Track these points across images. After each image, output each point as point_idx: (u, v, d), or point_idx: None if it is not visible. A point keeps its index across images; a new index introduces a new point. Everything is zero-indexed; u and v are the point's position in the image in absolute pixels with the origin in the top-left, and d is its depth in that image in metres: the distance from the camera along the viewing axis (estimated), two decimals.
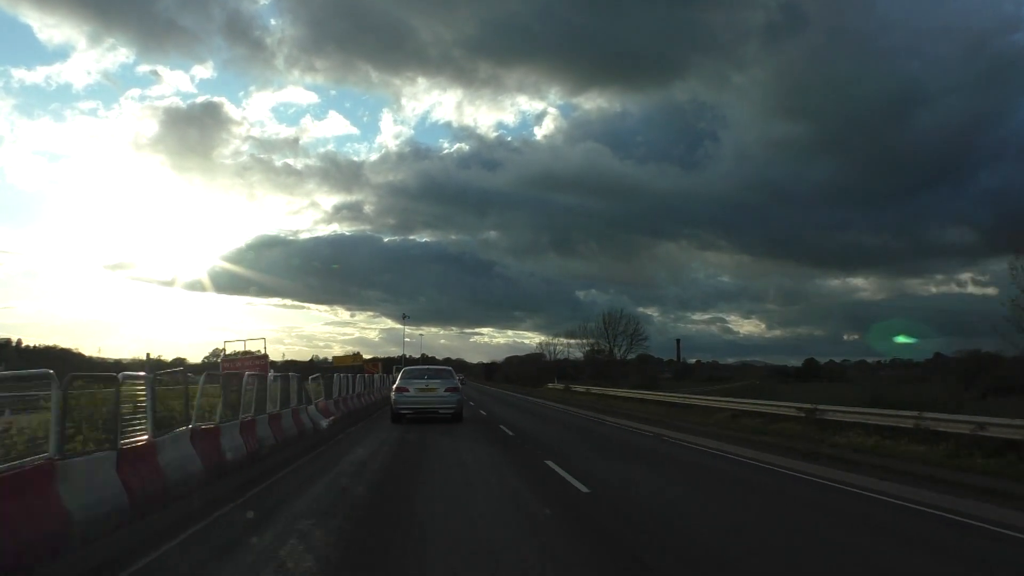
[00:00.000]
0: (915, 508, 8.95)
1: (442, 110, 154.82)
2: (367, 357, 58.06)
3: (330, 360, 55.67)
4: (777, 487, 10.77)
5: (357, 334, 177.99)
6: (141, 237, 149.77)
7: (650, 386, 58.35)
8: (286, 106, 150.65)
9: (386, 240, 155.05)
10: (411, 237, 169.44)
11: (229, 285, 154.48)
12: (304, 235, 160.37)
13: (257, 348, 22.50)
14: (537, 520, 7.62)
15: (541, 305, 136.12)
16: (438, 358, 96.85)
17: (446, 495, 9.15)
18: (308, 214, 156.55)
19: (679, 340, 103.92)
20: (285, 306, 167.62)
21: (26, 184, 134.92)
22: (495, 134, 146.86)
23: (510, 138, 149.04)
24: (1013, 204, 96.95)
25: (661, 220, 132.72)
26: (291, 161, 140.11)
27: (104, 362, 51.38)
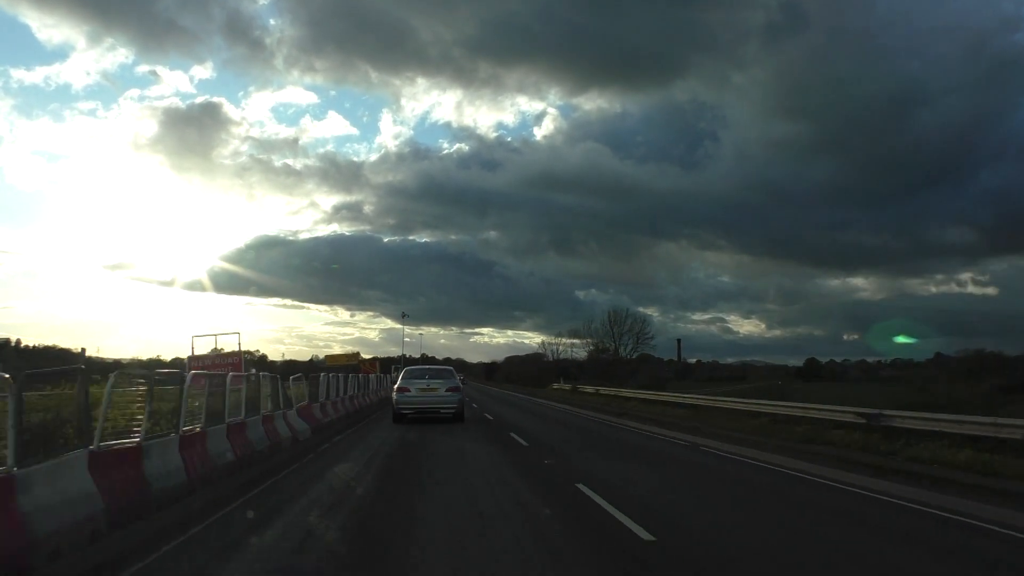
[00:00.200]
0: None
1: (442, 110, 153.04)
2: (367, 357, 56.53)
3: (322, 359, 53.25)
4: (902, 526, 8.11)
5: (357, 334, 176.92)
6: (141, 237, 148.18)
7: (658, 386, 56.01)
8: (285, 106, 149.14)
9: (386, 240, 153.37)
10: (411, 237, 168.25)
11: (229, 285, 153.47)
12: (304, 235, 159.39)
13: (227, 346, 19.84)
14: None
15: (541, 305, 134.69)
16: (438, 358, 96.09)
17: (446, 535, 6.47)
18: (308, 214, 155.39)
19: (679, 340, 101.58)
20: (285, 306, 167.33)
21: (25, 184, 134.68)
22: (495, 134, 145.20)
23: (510, 138, 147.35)
24: (1013, 204, 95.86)
25: (661, 220, 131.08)
26: (290, 161, 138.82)
27: (103, 362, 49.57)
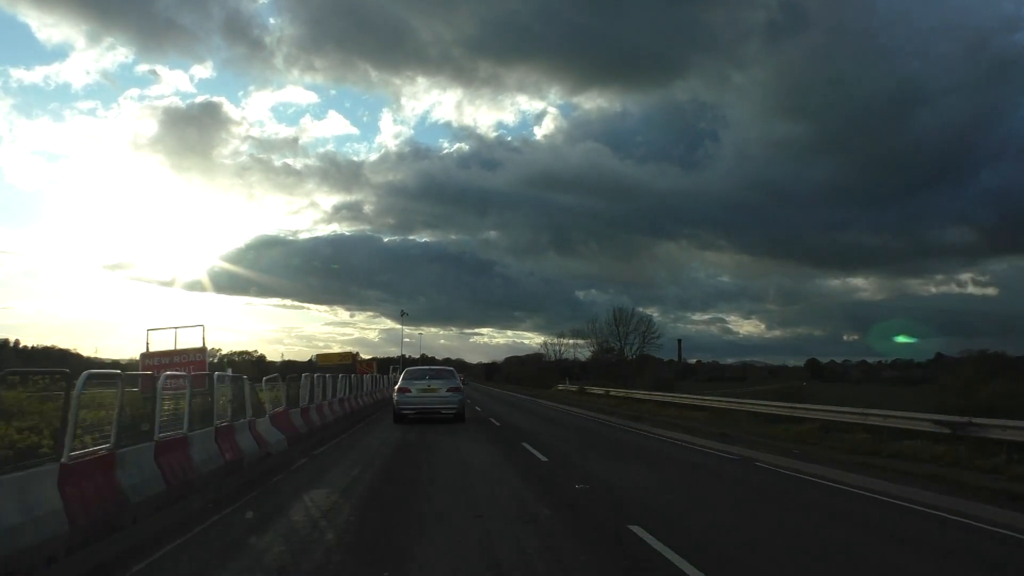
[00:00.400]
0: None
1: (442, 110, 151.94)
2: (366, 357, 54.95)
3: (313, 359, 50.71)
4: None
5: (357, 334, 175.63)
6: (140, 237, 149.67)
7: (665, 387, 53.63)
8: (285, 106, 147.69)
9: (386, 240, 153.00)
10: (411, 237, 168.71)
11: (228, 285, 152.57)
12: (304, 235, 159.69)
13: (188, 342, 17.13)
14: None
15: (541, 305, 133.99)
16: (438, 358, 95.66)
17: None
18: (308, 214, 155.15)
19: (680, 340, 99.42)
20: (285, 306, 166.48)
21: (25, 184, 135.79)
22: (495, 134, 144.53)
23: (510, 138, 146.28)
24: (1013, 204, 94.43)
25: (661, 220, 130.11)
26: (290, 161, 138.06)
27: (101, 362, 48.37)
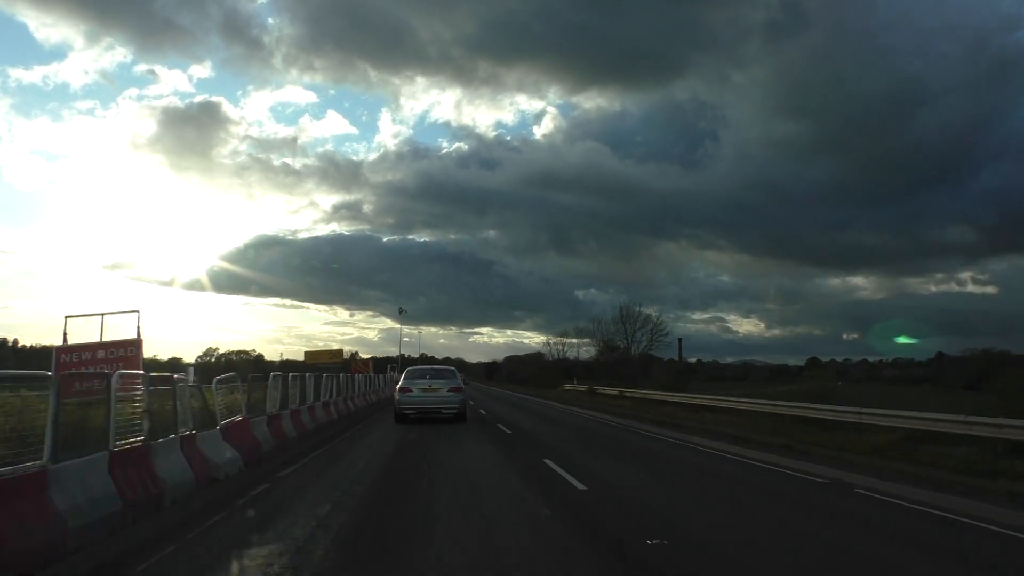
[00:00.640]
0: None
1: (441, 109, 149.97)
2: (365, 357, 53.24)
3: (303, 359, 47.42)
4: None
5: (356, 334, 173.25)
6: (140, 237, 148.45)
7: (679, 387, 50.48)
8: (284, 105, 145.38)
9: (385, 240, 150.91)
10: (410, 237, 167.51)
11: (228, 285, 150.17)
12: (303, 235, 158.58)
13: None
14: None
15: (540, 305, 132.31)
16: (437, 358, 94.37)
17: None
18: (307, 214, 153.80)
19: (680, 339, 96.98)
20: (284, 306, 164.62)
21: (24, 184, 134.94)
22: (494, 133, 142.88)
23: (509, 137, 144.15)
24: (1013, 203, 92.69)
25: (661, 220, 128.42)
26: (290, 161, 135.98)
27: None
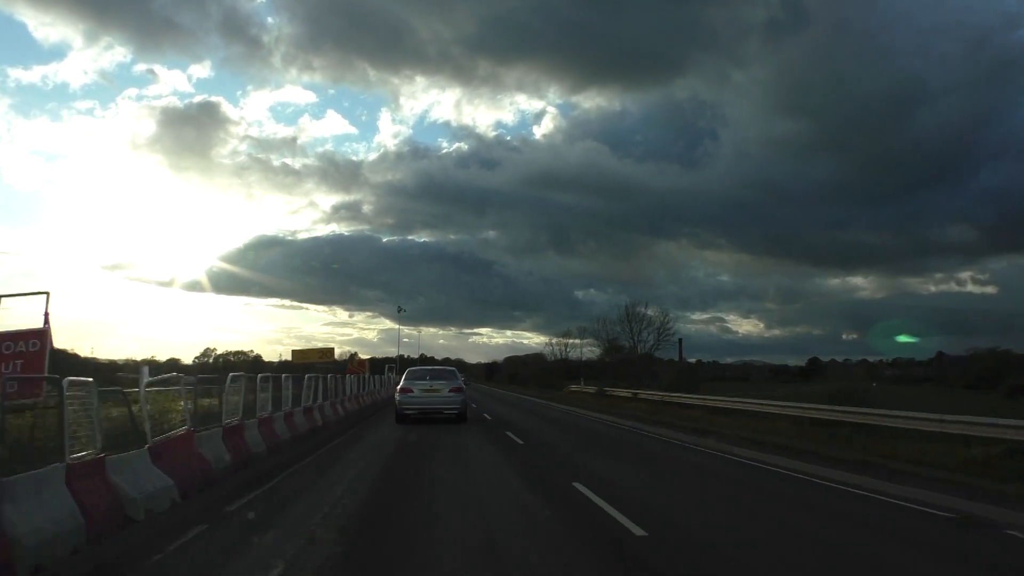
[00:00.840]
0: None
1: (441, 109, 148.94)
2: (364, 357, 51.39)
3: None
4: None
5: (356, 334, 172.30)
6: (139, 237, 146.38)
7: (691, 388, 48.13)
8: (284, 105, 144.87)
9: (385, 240, 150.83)
10: (410, 237, 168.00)
11: (227, 285, 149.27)
12: (302, 235, 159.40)
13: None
14: None
15: (540, 305, 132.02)
16: (437, 358, 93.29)
17: None
18: (306, 214, 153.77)
19: (681, 339, 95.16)
20: (283, 306, 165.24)
21: (23, 184, 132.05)
22: (494, 133, 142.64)
23: (509, 137, 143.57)
24: (1013, 203, 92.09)
25: (660, 219, 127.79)
26: (289, 161, 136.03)
27: (97, 363, 46.14)
